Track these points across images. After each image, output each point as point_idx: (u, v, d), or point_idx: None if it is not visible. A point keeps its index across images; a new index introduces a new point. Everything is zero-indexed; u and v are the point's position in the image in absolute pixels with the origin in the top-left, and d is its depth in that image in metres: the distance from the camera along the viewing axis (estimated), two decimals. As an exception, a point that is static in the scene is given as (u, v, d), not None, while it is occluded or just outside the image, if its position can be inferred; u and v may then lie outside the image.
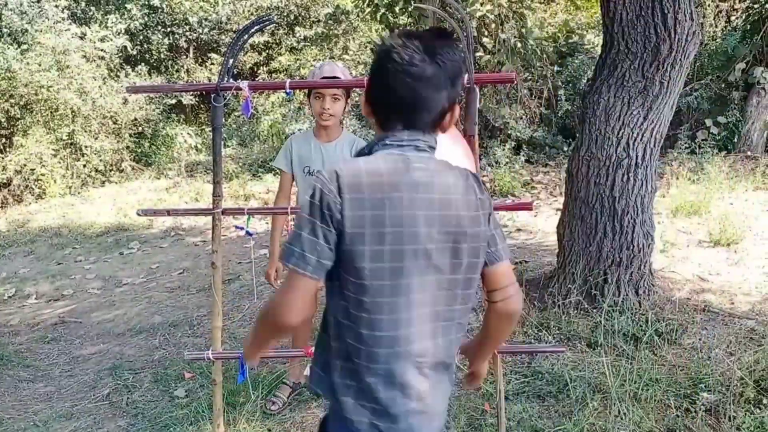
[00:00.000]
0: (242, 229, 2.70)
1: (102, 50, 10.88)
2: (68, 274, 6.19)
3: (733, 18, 10.04)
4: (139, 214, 2.64)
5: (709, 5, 9.73)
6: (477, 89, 2.28)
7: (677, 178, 7.17)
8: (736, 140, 8.87)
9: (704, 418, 2.92)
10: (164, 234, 7.49)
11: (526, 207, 2.91)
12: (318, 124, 3.09)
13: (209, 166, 9.95)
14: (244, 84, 2.44)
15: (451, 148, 1.97)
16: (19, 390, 3.74)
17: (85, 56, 10.50)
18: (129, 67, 11.70)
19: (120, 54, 11.59)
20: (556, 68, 9.87)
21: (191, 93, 12.28)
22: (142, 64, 12.09)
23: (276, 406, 3.26)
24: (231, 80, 2.48)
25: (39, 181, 9.70)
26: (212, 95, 2.43)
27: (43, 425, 3.28)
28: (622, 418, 2.82)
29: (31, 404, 3.56)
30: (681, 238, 5.71)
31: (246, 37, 2.53)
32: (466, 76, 2.22)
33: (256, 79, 12.49)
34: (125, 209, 8.47)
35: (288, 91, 2.58)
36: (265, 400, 3.31)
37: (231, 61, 2.46)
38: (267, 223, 6.45)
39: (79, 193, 10.02)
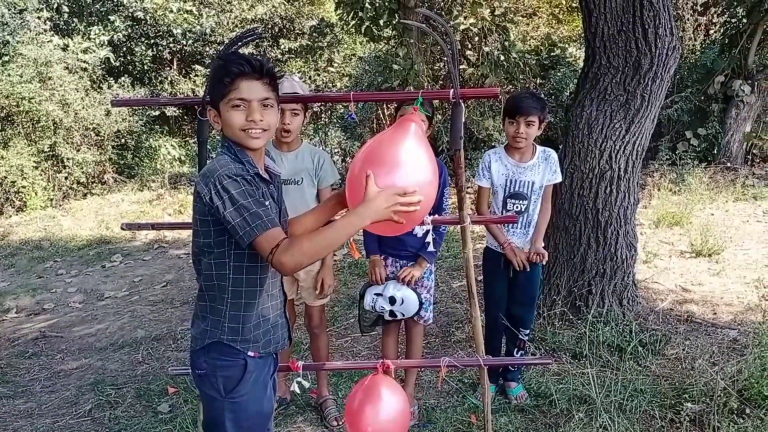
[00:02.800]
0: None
1: (85, 62, 10.80)
2: (49, 288, 6.10)
3: (711, 32, 10.24)
4: (123, 229, 2.62)
5: (688, 19, 9.92)
6: (462, 104, 2.29)
7: (659, 189, 7.26)
8: (716, 152, 9.02)
9: (689, 428, 2.94)
10: (147, 247, 7.42)
11: (511, 220, 2.94)
12: (277, 138, 3.11)
13: (193, 177, 9.91)
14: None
15: (416, 152, 1.94)
16: (-1, 407, 3.68)
17: (67, 68, 10.41)
18: (112, 78, 11.62)
19: (103, 65, 11.51)
20: (538, 81, 9.99)
21: (175, 104, 12.22)
22: (126, 75, 12.02)
23: (261, 420, 3.23)
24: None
25: (20, 194, 9.57)
26: (198, 110, 2.42)
27: (23, 443, 3.22)
28: (607, 429, 2.83)
29: (11, 421, 3.49)
30: (663, 248, 5.77)
31: (232, 51, 2.52)
32: (452, 90, 2.23)
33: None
34: (107, 222, 8.40)
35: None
36: (251, 414, 3.27)
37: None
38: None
39: (60, 205, 9.90)
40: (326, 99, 3.00)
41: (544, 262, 3.27)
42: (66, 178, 10.17)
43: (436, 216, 2.89)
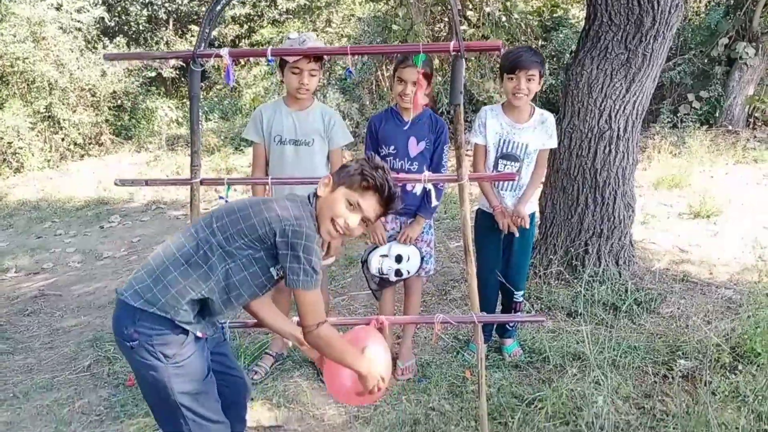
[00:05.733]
0: (224, 199, 2.66)
1: (79, 21, 10.63)
2: (48, 248, 6.12)
3: (716, -8, 10.04)
4: (117, 184, 2.59)
5: (693, -21, 9.72)
6: (463, 59, 2.24)
7: (659, 152, 7.22)
8: (717, 115, 8.94)
9: (681, 383, 2.97)
10: (145, 208, 7.42)
11: (509, 177, 2.91)
12: (291, 96, 3.06)
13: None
14: (224, 51, 2.39)
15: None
16: (-1, 362, 3.71)
17: (61, 27, 10.25)
18: (107, 38, 11.45)
19: (97, 25, 11.34)
20: (540, 42, 9.84)
21: (171, 66, 12.05)
22: (120, 35, 11.86)
23: (258, 375, 3.27)
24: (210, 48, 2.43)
25: (17, 155, 9.53)
26: (190, 62, 2.38)
27: (23, 396, 3.26)
28: (600, 384, 2.86)
29: (10, 376, 3.53)
30: (662, 210, 5.77)
31: (224, 2, 2.47)
32: (453, 43, 2.19)
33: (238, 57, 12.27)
34: (105, 183, 8.37)
35: (270, 59, 2.53)
36: (248, 369, 3.31)
37: (208, 27, 2.41)
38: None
39: (58, 166, 9.87)
40: (324, 52, 2.94)
41: (526, 227, 3.18)
42: (62, 139, 10.11)
43: (433, 174, 2.88)
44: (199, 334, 1.95)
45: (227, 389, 2.17)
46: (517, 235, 3.18)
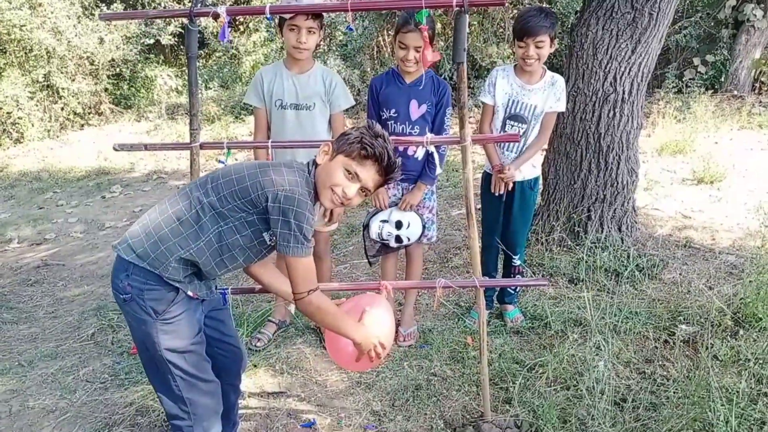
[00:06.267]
0: (223, 163, 2.64)
1: (75, -13, 10.42)
2: (50, 218, 6.12)
3: (725, -47, 9.79)
4: (116, 149, 2.57)
5: (701, -61, 9.48)
6: (467, 15, 2.19)
7: (663, 117, 7.13)
8: (723, 79, 8.81)
9: (682, 348, 2.98)
10: (146, 177, 7.39)
11: (513, 138, 2.88)
12: (290, 57, 3.01)
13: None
14: (221, 9, 2.33)
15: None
16: (3, 332, 3.73)
17: (57, -7, 10.06)
18: (104, 4, 11.25)
19: (94, -9, 11.13)
20: (545, 4, 9.65)
21: (170, 33, 11.88)
22: (118, 2, 11.64)
23: (261, 342, 3.28)
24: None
25: (16, 125, 9.45)
26: (187, 21, 2.33)
27: (28, 365, 3.29)
28: (601, 349, 2.87)
29: (15, 345, 3.56)
30: (665, 176, 5.72)
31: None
32: None
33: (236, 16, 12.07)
34: (106, 153, 8.32)
35: (269, 16, 2.47)
36: (251, 337, 3.33)
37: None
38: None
39: (58, 136, 9.80)
40: (324, 8, 2.88)
41: (508, 188, 3.17)
42: (62, 108, 10.02)
43: (435, 136, 2.85)
44: (190, 294, 1.96)
45: (222, 356, 2.18)
46: (500, 194, 3.15)
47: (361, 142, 1.93)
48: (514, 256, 3.35)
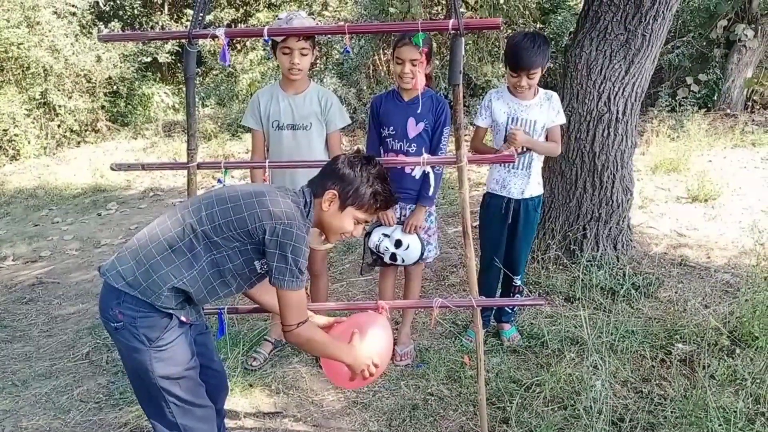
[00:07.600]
0: (222, 182, 2.65)
1: (73, 6, 10.50)
2: (45, 236, 6.10)
3: (716, -26, 9.92)
4: (113, 169, 2.57)
5: (693, -40, 9.62)
6: (462, 38, 2.21)
7: (657, 136, 7.18)
8: (716, 98, 8.89)
9: (679, 367, 2.98)
10: (142, 195, 7.39)
11: (508, 159, 2.88)
12: (285, 78, 3.04)
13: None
14: (220, 31, 2.35)
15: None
16: (-3, 350, 3.71)
17: (55, 12, 10.13)
18: (102, 23, 11.33)
19: (92, 10, 11.21)
20: (538, 25, 9.75)
21: (167, 51, 11.97)
22: (115, 20, 11.73)
23: (257, 362, 3.27)
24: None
25: (12, 142, 9.46)
26: (186, 43, 2.34)
27: (21, 384, 3.26)
28: (598, 368, 2.87)
29: (9, 364, 3.53)
30: (660, 194, 5.75)
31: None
32: (452, 21, 2.15)
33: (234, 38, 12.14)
34: (102, 170, 8.32)
35: (266, 39, 2.49)
36: (246, 356, 3.31)
37: (202, 8, 2.37)
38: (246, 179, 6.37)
39: (54, 153, 9.81)
40: (321, 31, 2.93)
41: (512, 144, 3.05)
42: (59, 126, 10.04)
43: (431, 156, 2.86)
44: (183, 319, 1.95)
45: (206, 382, 2.15)
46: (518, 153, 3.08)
47: (375, 197, 2.01)
48: (515, 277, 3.36)
